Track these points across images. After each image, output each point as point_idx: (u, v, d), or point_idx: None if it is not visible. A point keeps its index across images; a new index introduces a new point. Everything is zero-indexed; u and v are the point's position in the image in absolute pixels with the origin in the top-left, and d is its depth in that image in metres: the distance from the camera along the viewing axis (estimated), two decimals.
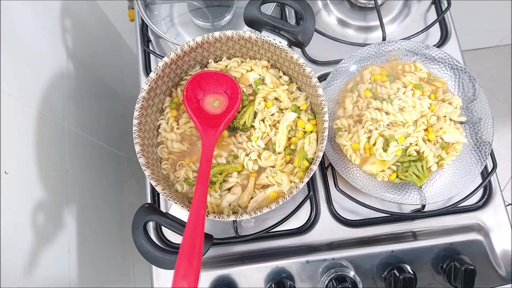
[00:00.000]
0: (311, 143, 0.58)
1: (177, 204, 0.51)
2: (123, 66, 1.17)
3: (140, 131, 0.54)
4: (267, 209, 0.50)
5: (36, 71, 0.68)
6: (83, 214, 0.76)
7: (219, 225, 0.67)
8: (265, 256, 0.65)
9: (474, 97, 0.64)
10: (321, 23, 0.78)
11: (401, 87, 0.64)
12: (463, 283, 0.58)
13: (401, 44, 0.66)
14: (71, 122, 0.76)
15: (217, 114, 0.58)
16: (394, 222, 0.66)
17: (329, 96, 0.66)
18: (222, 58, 0.62)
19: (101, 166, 0.90)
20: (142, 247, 0.49)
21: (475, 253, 0.64)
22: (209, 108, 0.58)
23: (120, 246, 0.93)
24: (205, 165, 0.52)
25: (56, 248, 0.65)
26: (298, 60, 0.55)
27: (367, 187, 0.61)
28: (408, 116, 0.61)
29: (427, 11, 0.79)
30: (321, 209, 0.67)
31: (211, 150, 0.53)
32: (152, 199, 0.68)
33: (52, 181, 0.67)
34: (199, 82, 0.58)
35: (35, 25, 0.70)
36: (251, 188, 0.58)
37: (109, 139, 0.96)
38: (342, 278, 0.59)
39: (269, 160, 0.58)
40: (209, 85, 0.59)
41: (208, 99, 0.59)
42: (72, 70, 0.81)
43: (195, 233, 0.45)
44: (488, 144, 0.61)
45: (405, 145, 0.60)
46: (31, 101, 0.64)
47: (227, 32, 0.56)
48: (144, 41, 0.76)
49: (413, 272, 0.60)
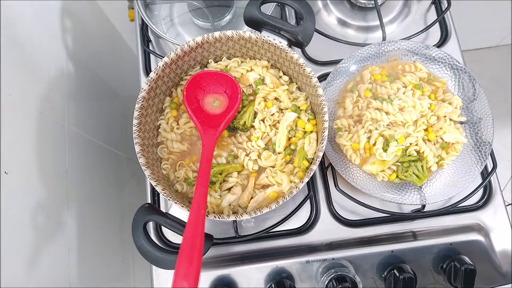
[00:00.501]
0: (311, 143, 0.58)
1: (177, 204, 0.51)
2: (123, 66, 1.17)
3: (140, 131, 0.54)
4: (267, 209, 0.50)
5: (36, 71, 0.68)
6: (83, 214, 0.76)
7: (219, 225, 0.67)
8: (265, 256, 0.65)
9: (474, 97, 0.64)
10: (321, 23, 0.78)
11: (401, 87, 0.64)
12: (463, 283, 0.58)
13: (401, 44, 0.66)
14: (71, 122, 0.76)
15: (217, 114, 0.58)
16: (394, 222, 0.66)
17: (329, 96, 0.66)
18: (222, 58, 0.62)
19: (101, 166, 0.90)
20: (142, 247, 0.49)
21: (475, 253, 0.64)
22: (209, 108, 0.58)
23: (120, 246, 0.93)
24: (205, 165, 0.52)
25: (56, 248, 0.65)
26: (298, 60, 0.55)
27: (367, 187, 0.61)
28: (408, 116, 0.61)
29: (427, 11, 0.79)
30: (321, 209, 0.67)
31: (211, 150, 0.53)
32: (152, 199, 0.68)
33: (52, 181, 0.67)
34: (199, 82, 0.58)
35: (35, 25, 0.70)
36: (251, 188, 0.58)
37: (109, 139, 0.96)
38: (342, 278, 0.59)
39: (269, 160, 0.58)
40: (209, 85, 0.59)
41: (208, 99, 0.59)
42: (72, 70, 0.81)
43: (195, 233, 0.45)
44: (488, 144, 0.61)
45: (405, 145, 0.60)
46: (31, 101, 0.64)
47: (227, 32, 0.56)
48: (144, 41, 0.76)
49: (413, 272, 0.60)
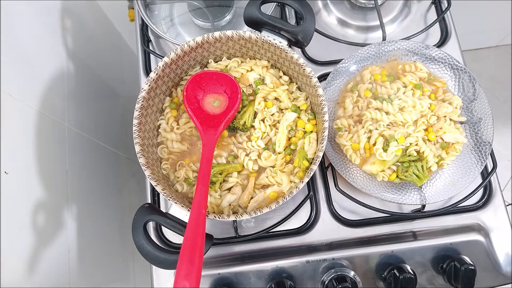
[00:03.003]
0: (311, 143, 0.58)
1: (177, 204, 0.51)
2: (123, 66, 1.17)
3: (140, 131, 0.54)
4: (267, 209, 0.50)
5: (36, 71, 0.68)
6: (83, 214, 0.76)
7: (219, 225, 0.67)
8: (265, 256, 0.65)
9: (474, 97, 0.64)
10: (321, 23, 0.78)
11: (401, 87, 0.64)
12: (463, 283, 0.58)
13: (401, 44, 0.66)
14: (71, 122, 0.76)
15: (217, 114, 0.58)
16: (394, 222, 0.66)
17: (329, 96, 0.66)
18: (222, 58, 0.62)
19: (101, 166, 0.90)
20: (142, 247, 0.49)
21: (475, 253, 0.64)
22: (209, 108, 0.58)
23: (120, 246, 0.93)
24: (205, 165, 0.52)
25: (56, 248, 0.65)
26: (298, 60, 0.55)
27: (367, 187, 0.61)
28: (408, 116, 0.61)
29: (427, 11, 0.79)
30: (321, 209, 0.67)
31: (211, 150, 0.53)
32: (152, 199, 0.68)
33: (52, 181, 0.67)
34: (199, 82, 0.58)
35: (35, 25, 0.70)
36: (251, 188, 0.58)
37: (109, 139, 0.96)
38: (342, 278, 0.59)
39: (269, 160, 0.58)
40: (209, 85, 0.59)
41: (208, 99, 0.59)
42: (72, 70, 0.81)
43: (196, 233, 0.45)
44: (488, 144, 0.61)
45: (405, 145, 0.60)
46: (31, 101, 0.64)
47: (227, 32, 0.56)
48: (144, 41, 0.76)
49: (413, 272, 0.60)
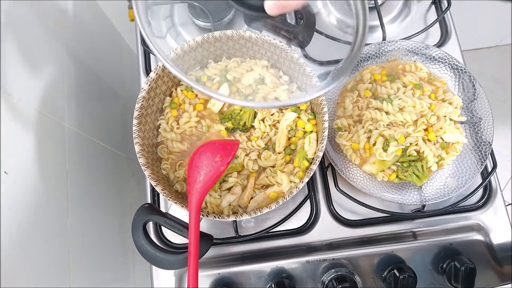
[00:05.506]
0: (311, 143, 0.58)
1: (177, 204, 0.51)
2: (123, 66, 1.17)
3: (140, 131, 0.54)
4: (267, 209, 0.50)
5: (36, 71, 0.68)
6: (83, 214, 0.76)
7: (219, 225, 0.66)
8: (265, 256, 0.65)
9: (474, 97, 0.64)
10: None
11: (401, 87, 0.64)
12: (463, 283, 0.58)
13: (401, 44, 0.66)
14: (71, 122, 0.76)
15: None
16: (394, 222, 0.66)
17: (329, 96, 0.66)
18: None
19: (101, 166, 0.90)
20: (142, 247, 0.49)
21: (475, 253, 0.64)
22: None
23: (120, 246, 0.93)
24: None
25: (56, 248, 0.65)
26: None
27: (367, 187, 0.61)
28: (408, 116, 0.61)
29: (427, 11, 0.78)
30: (321, 209, 0.66)
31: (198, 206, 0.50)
32: (152, 199, 0.68)
33: (52, 181, 0.67)
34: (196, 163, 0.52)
35: (35, 25, 0.70)
36: (251, 188, 0.58)
37: (109, 139, 0.96)
38: (342, 278, 0.59)
39: (269, 160, 0.58)
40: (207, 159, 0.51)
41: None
42: (72, 70, 0.81)
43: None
44: (488, 144, 0.61)
45: (405, 145, 0.60)
46: (31, 101, 0.64)
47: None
48: (144, 41, 0.76)
49: (413, 272, 0.60)
